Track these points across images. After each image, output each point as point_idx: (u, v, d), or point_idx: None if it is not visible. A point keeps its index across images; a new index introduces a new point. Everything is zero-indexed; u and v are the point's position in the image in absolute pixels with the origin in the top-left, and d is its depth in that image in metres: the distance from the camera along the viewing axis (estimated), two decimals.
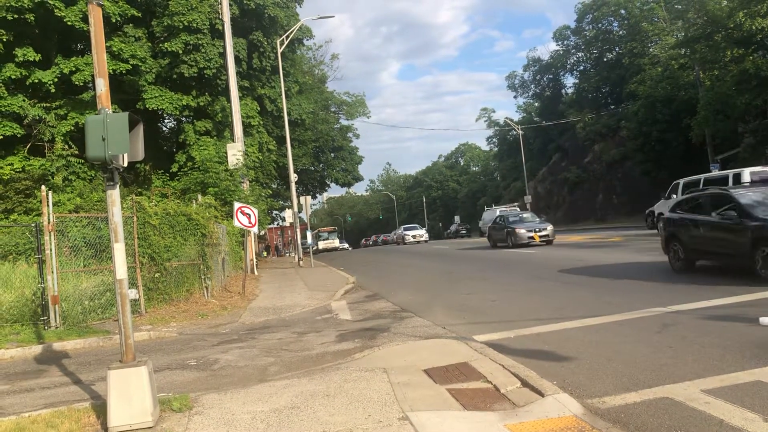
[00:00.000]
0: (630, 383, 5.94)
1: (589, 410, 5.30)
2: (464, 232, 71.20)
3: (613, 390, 5.81)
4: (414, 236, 56.09)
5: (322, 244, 67.31)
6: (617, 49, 60.41)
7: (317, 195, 62.03)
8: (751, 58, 31.38)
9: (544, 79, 73.55)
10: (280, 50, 29.34)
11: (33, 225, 12.59)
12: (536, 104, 76.76)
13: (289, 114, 31.44)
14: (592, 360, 6.95)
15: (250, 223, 16.40)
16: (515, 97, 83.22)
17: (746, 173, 20.13)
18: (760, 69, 30.04)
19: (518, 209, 46.52)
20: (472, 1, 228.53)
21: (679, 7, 46.59)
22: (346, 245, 76.89)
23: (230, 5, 24.62)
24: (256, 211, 16.95)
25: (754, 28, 29.64)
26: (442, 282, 17.28)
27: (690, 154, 42.34)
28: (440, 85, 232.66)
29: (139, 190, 23.08)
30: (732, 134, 37.99)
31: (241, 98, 26.21)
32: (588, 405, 5.46)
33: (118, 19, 23.26)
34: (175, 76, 25.25)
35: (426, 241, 55.00)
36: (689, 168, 43.06)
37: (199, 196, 19.00)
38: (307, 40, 38.08)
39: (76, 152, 22.57)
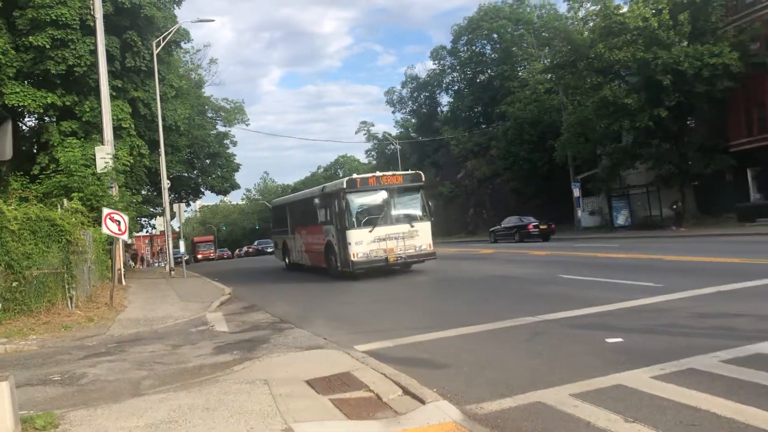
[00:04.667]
0: (505, 389, 6.22)
1: (468, 416, 5.49)
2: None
3: (490, 396, 6.06)
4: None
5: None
6: (489, 71, 63.29)
7: (191, 203, 59.48)
8: (609, 86, 33.98)
9: (421, 96, 75.60)
10: (156, 52, 28.18)
11: None
12: (413, 120, 78.68)
13: (163, 119, 30.25)
14: (470, 367, 7.22)
15: (120, 230, 15.58)
16: (393, 112, 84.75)
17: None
18: (617, 97, 32.63)
19: None
20: (355, 14, 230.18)
21: (546, 35, 49.65)
22: None
23: (104, 2, 23.33)
24: (126, 218, 16.14)
25: (612, 59, 32.24)
26: (320, 292, 17.27)
27: (554, 174, 45.18)
28: (323, 96, 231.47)
29: None
30: (591, 156, 41.01)
31: (113, 99, 24.90)
32: (467, 411, 5.65)
33: None
34: (39, 72, 23.60)
35: None
36: (554, 186, 46.00)
37: (65, 201, 17.81)
38: (185, 43, 36.82)
39: None
